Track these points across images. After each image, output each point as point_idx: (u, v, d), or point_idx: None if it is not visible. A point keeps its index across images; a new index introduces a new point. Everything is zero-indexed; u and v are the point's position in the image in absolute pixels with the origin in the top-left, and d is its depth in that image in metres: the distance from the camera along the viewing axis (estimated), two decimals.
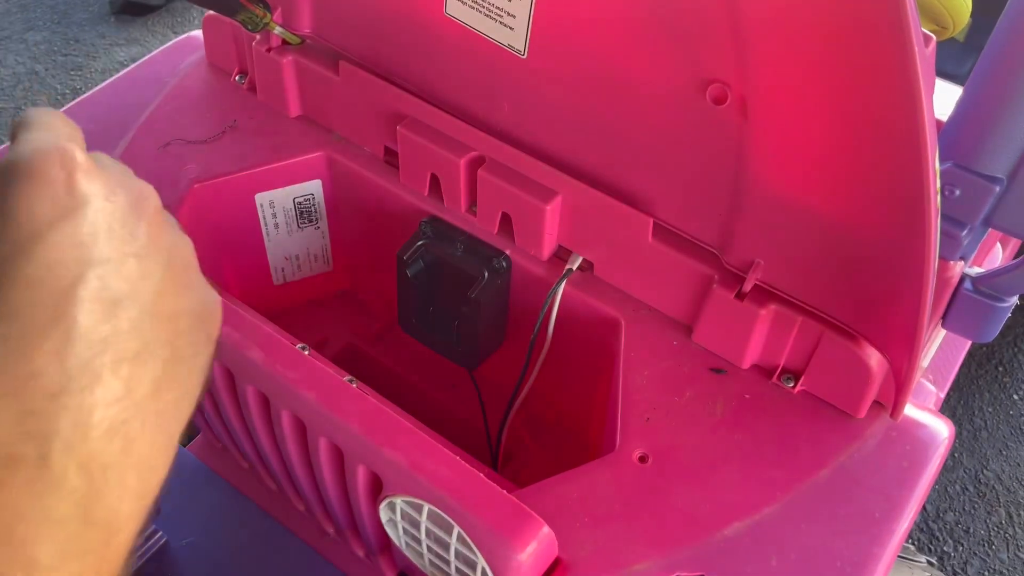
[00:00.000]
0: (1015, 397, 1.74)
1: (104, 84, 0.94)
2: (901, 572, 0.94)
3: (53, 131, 0.34)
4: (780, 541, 0.62)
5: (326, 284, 0.98)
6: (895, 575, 0.94)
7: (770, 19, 0.53)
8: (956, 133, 0.62)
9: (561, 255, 0.77)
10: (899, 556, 0.72)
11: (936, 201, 0.54)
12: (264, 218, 0.89)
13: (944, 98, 0.60)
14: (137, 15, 2.36)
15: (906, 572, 0.94)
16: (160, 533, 0.81)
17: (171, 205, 0.82)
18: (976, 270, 0.68)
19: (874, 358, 0.66)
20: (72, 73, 2.24)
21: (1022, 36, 0.56)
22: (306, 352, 0.67)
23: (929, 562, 1.00)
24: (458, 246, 0.78)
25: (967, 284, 0.68)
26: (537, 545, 0.56)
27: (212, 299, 0.39)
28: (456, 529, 0.57)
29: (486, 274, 0.76)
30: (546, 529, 0.57)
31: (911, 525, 0.65)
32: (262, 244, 0.92)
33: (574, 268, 0.76)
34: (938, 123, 0.62)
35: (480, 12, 0.69)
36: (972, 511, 1.60)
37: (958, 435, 1.67)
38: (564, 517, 0.62)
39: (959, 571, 1.53)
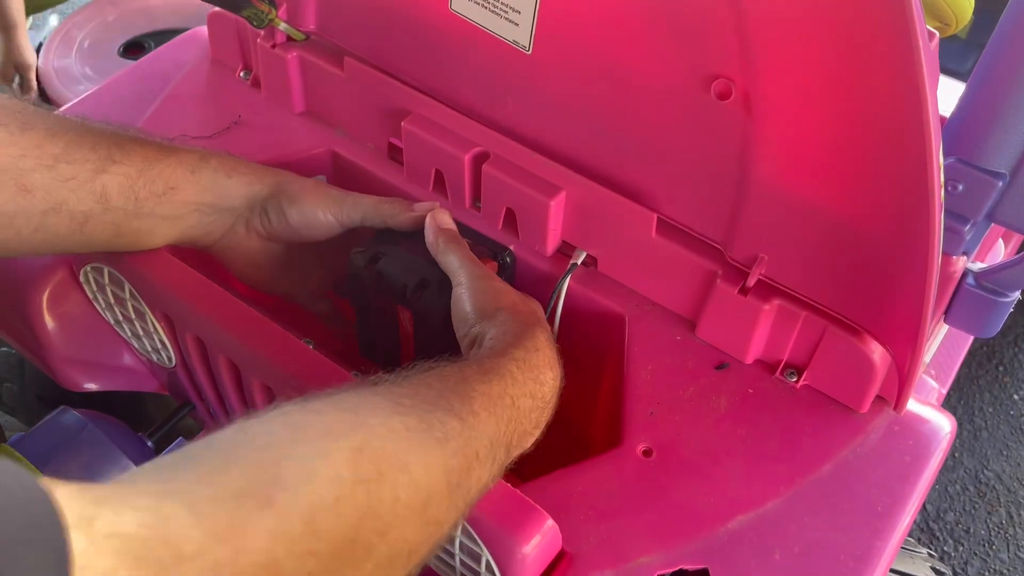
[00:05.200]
0: (1015, 397, 1.75)
1: (109, 80, 0.95)
2: (903, 561, 0.94)
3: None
4: (783, 535, 0.63)
5: None
6: (897, 565, 0.94)
7: (775, 14, 0.54)
8: (959, 129, 0.62)
9: (565, 251, 0.77)
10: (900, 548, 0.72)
11: (939, 196, 0.54)
12: None
13: (946, 95, 0.60)
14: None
15: (907, 561, 0.94)
16: None
17: None
18: (979, 265, 0.68)
19: (877, 352, 0.66)
20: None
21: None
22: (311, 347, 0.67)
23: (930, 554, 1.00)
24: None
25: (970, 279, 0.68)
26: (541, 538, 0.57)
27: None
28: (461, 522, 0.57)
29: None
30: (550, 522, 0.57)
31: (913, 519, 0.65)
32: None
33: (578, 264, 0.76)
34: (941, 119, 0.62)
35: (485, 8, 0.69)
36: (972, 511, 1.60)
37: (958, 435, 1.68)
38: (568, 511, 0.62)
39: (959, 571, 1.53)
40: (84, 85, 1.61)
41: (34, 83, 1.69)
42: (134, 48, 1.71)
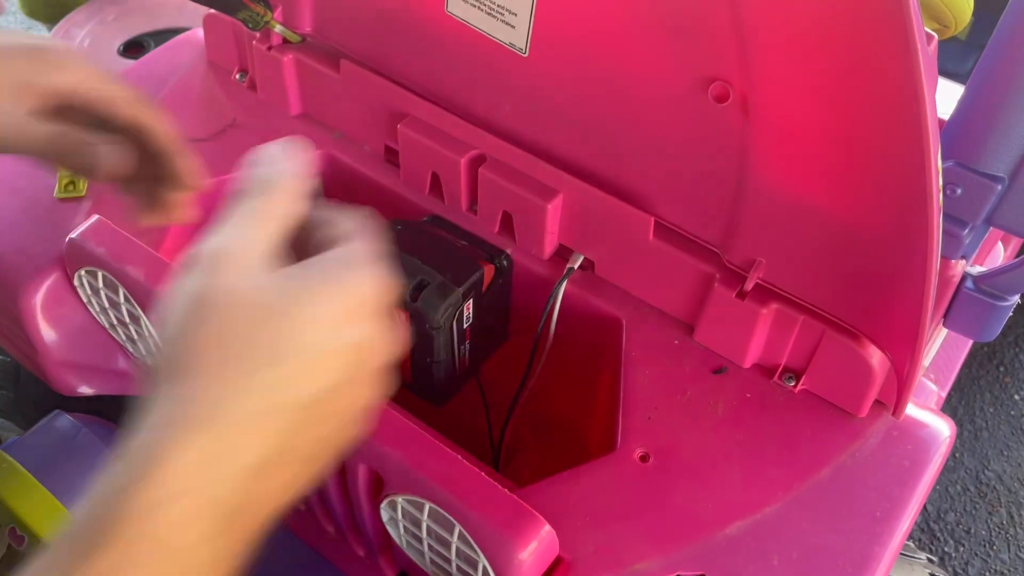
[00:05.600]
0: (1016, 397, 1.74)
1: None
2: (902, 569, 0.94)
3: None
4: (781, 540, 0.62)
5: None
6: (896, 573, 0.94)
7: (772, 17, 0.53)
8: (958, 132, 0.62)
9: (562, 254, 0.77)
10: (899, 553, 0.72)
11: (938, 200, 0.54)
12: None
13: (945, 97, 0.60)
14: None
15: (907, 569, 0.94)
16: None
17: None
18: (977, 269, 0.68)
19: (876, 357, 0.65)
20: None
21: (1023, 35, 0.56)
22: None
23: (929, 559, 1.00)
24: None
25: (968, 283, 0.68)
26: (538, 544, 0.56)
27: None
28: (457, 528, 0.57)
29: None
30: (547, 528, 0.57)
31: (912, 524, 0.65)
32: None
33: (575, 267, 0.76)
34: (940, 122, 0.62)
35: (481, 10, 0.69)
36: (973, 511, 1.60)
37: (959, 435, 1.67)
38: (565, 516, 0.62)
39: (960, 572, 1.52)
40: None
41: (3, 6, 1.69)
42: (134, 47, 1.70)
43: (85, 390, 0.84)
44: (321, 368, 0.37)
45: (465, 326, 0.75)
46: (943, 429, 0.69)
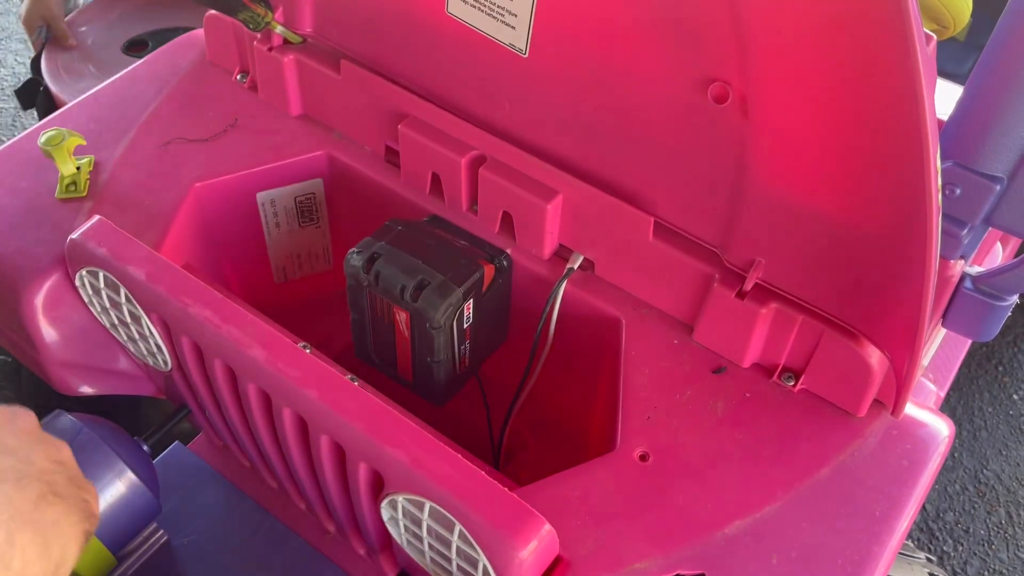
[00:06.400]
0: (1015, 397, 1.74)
1: (105, 83, 0.94)
2: (901, 568, 0.94)
3: None
4: (781, 539, 0.62)
5: (327, 283, 0.98)
6: (895, 572, 0.94)
7: (772, 18, 0.53)
8: (957, 132, 0.62)
9: (562, 254, 0.77)
10: (898, 553, 0.72)
11: (937, 200, 0.54)
12: (265, 217, 0.89)
13: (945, 98, 0.60)
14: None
15: (906, 568, 0.94)
16: (161, 531, 0.81)
17: (171, 204, 0.82)
18: (976, 269, 0.68)
19: (875, 356, 0.66)
20: None
21: (1022, 36, 0.56)
22: (308, 350, 0.67)
23: (928, 558, 1.00)
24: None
25: (967, 283, 0.68)
26: (538, 543, 0.57)
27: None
28: (458, 527, 0.57)
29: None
30: (548, 527, 0.57)
31: (911, 523, 0.65)
32: (263, 243, 0.92)
33: (575, 267, 0.76)
34: (939, 122, 0.62)
35: (482, 11, 0.69)
36: (972, 511, 1.60)
37: (958, 435, 1.67)
38: (565, 515, 0.62)
39: (959, 571, 1.52)
40: (87, 82, 1.61)
41: (62, 31, 1.70)
42: (137, 45, 1.71)
43: (86, 390, 0.84)
44: None
45: (465, 326, 0.75)
46: (942, 429, 0.69)
